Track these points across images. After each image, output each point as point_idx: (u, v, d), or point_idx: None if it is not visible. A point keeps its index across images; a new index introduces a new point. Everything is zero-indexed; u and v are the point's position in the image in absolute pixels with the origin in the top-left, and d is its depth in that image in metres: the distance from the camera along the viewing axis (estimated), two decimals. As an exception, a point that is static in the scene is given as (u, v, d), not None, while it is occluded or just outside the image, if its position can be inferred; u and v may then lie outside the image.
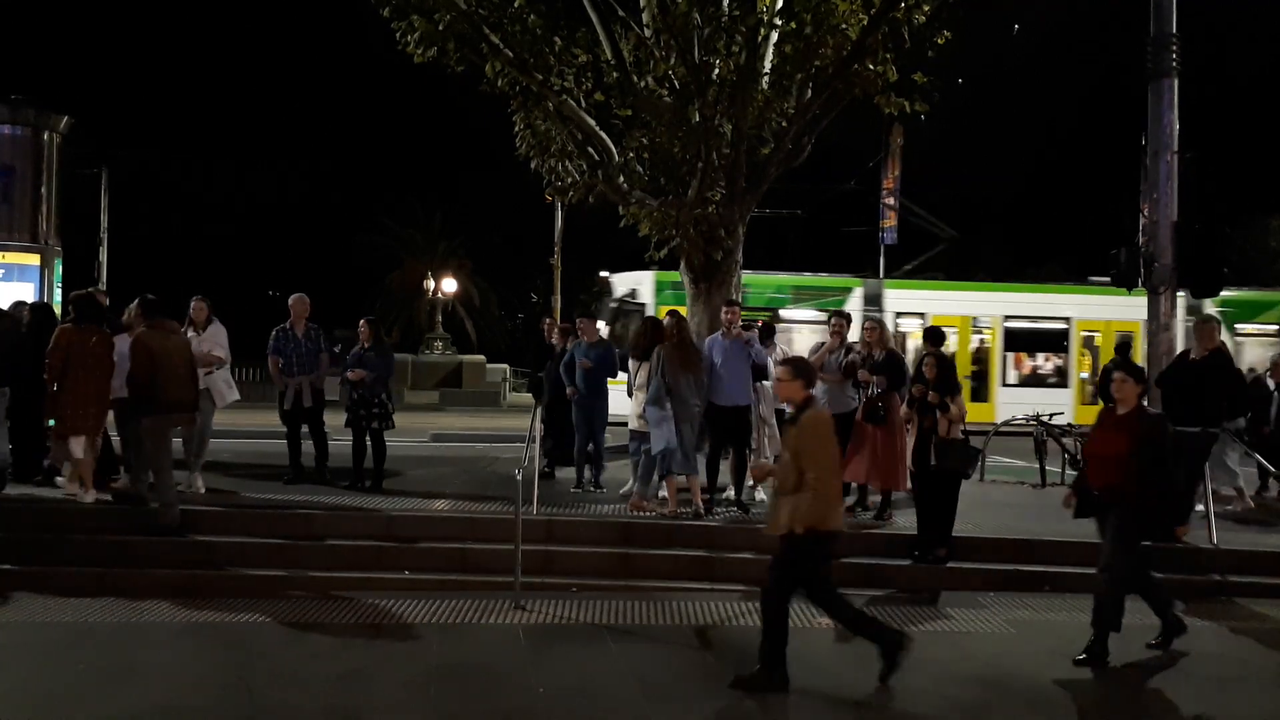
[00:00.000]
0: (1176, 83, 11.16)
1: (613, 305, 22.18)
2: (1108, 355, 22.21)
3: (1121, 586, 6.62)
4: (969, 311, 22.15)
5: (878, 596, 7.95)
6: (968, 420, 8.59)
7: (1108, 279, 25.87)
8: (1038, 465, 12.24)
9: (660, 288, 21.76)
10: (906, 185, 28.02)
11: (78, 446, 8.68)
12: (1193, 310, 22.55)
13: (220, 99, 63.67)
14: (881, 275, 26.10)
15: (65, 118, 21.61)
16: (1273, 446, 11.00)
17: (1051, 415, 13.24)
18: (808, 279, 23.78)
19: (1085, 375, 22.40)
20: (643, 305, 21.58)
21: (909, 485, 8.91)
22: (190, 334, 9.61)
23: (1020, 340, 22.72)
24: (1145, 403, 6.89)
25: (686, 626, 7.11)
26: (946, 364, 8.70)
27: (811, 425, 5.94)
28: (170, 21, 66.67)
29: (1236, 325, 22.71)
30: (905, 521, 8.95)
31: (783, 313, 22.03)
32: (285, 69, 64.10)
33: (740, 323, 9.72)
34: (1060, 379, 22.77)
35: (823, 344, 9.92)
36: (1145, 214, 11.33)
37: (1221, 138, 34.48)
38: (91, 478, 8.84)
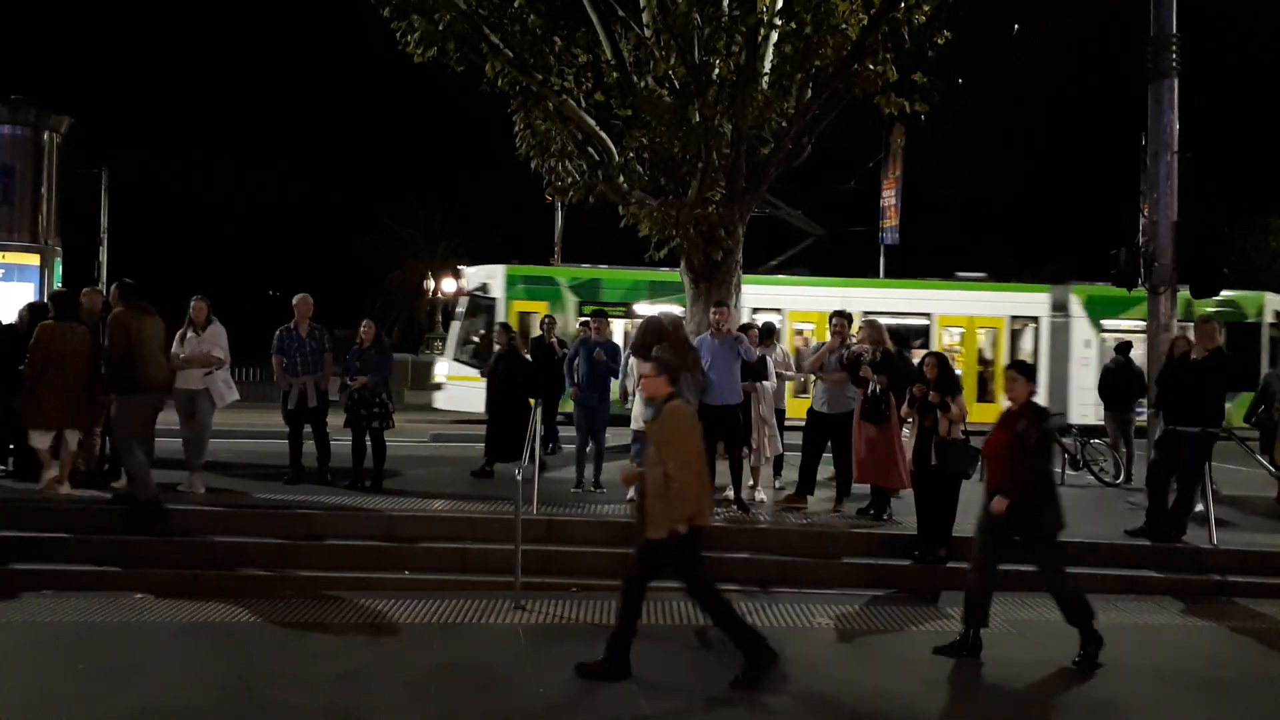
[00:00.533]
0: (1176, 83, 11.16)
1: (464, 298, 22.00)
2: (970, 353, 22.04)
3: (1068, 584, 6.67)
4: (827, 307, 21.68)
5: (878, 596, 7.96)
6: None
7: (980, 275, 25.17)
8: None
9: (511, 282, 21.66)
10: (907, 185, 28.04)
11: (40, 439, 8.83)
12: (1058, 307, 22.56)
13: (220, 99, 63.79)
14: (882, 274, 26.01)
15: (65, 118, 21.60)
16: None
17: None
18: (664, 274, 23.11)
19: None
20: (494, 300, 21.46)
21: (908, 485, 8.91)
22: (190, 334, 9.63)
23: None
24: (1038, 400, 6.80)
25: (686, 626, 7.11)
26: (947, 364, 8.71)
27: (671, 418, 5.95)
28: (170, 21, 66.75)
29: (1103, 321, 22.52)
30: (905, 521, 8.95)
31: (637, 307, 21.84)
32: (285, 69, 64.21)
33: (728, 322, 9.72)
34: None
35: (822, 344, 9.92)
36: (1145, 214, 11.33)
37: (1221, 138, 34.48)
38: (67, 472, 8.97)
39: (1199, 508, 9.02)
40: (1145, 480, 9.37)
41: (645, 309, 21.70)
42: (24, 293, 19.62)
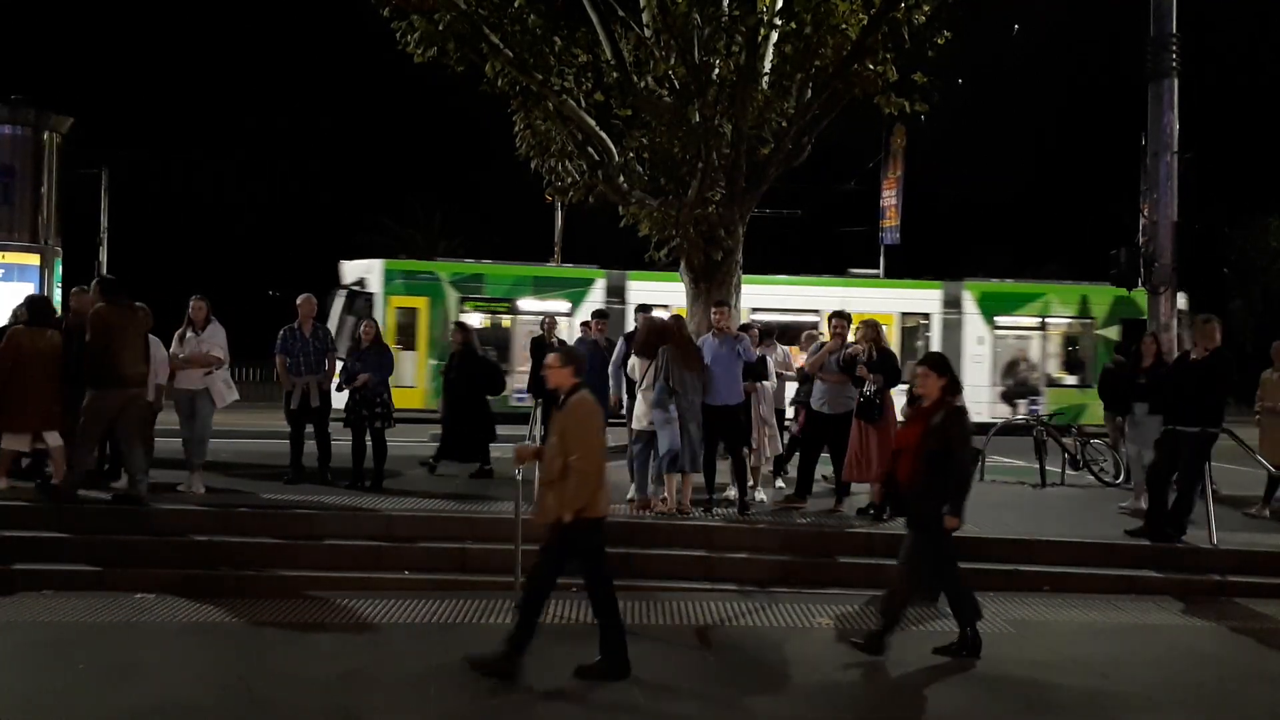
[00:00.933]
0: (1176, 83, 11.16)
1: (341, 292, 21.74)
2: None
3: (952, 581, 6.58)
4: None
5: (878, 596, 7.95)
6: None
7: (875, 272, 24.60)
8: (1037, 465, 12.23)
9: (389, 277, 21.53)
10: (907, 185, 28.03)
11: (11, 442, 8.88)
12: (951, 303, 22.06)
13: (220, 99, 63.74)
14: (874, 273, 25.77)
15: (65, 118, 21.60)
16: None
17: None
18: (549, 270, 23.42)
19: None
20: (371, 295, 21.29)
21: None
22: (189, 334, 9.64)
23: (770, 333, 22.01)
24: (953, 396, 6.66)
25: (686, 626, 7.11)
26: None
27: (576, 409, 5.95)
28: (170, 22, 66.74)
29: (995, 318, 22.39)
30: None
31: (521, 303, 21.84)
32: (285, 69, 64.17)
33: (727, 321, 9.71)
34: None
35: (822, 344, 9.92)
36: (1145, 214, 11.34)
37: (1221, 138, 34.46)
38: (8, 466, 9.04)
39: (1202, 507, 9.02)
40: (1145, 480, 9.37)
41: (530, 305, 21.57)
42: (24, 293, 19.62)
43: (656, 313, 10.44)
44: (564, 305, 21.26)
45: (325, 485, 9.95)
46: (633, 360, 9.67)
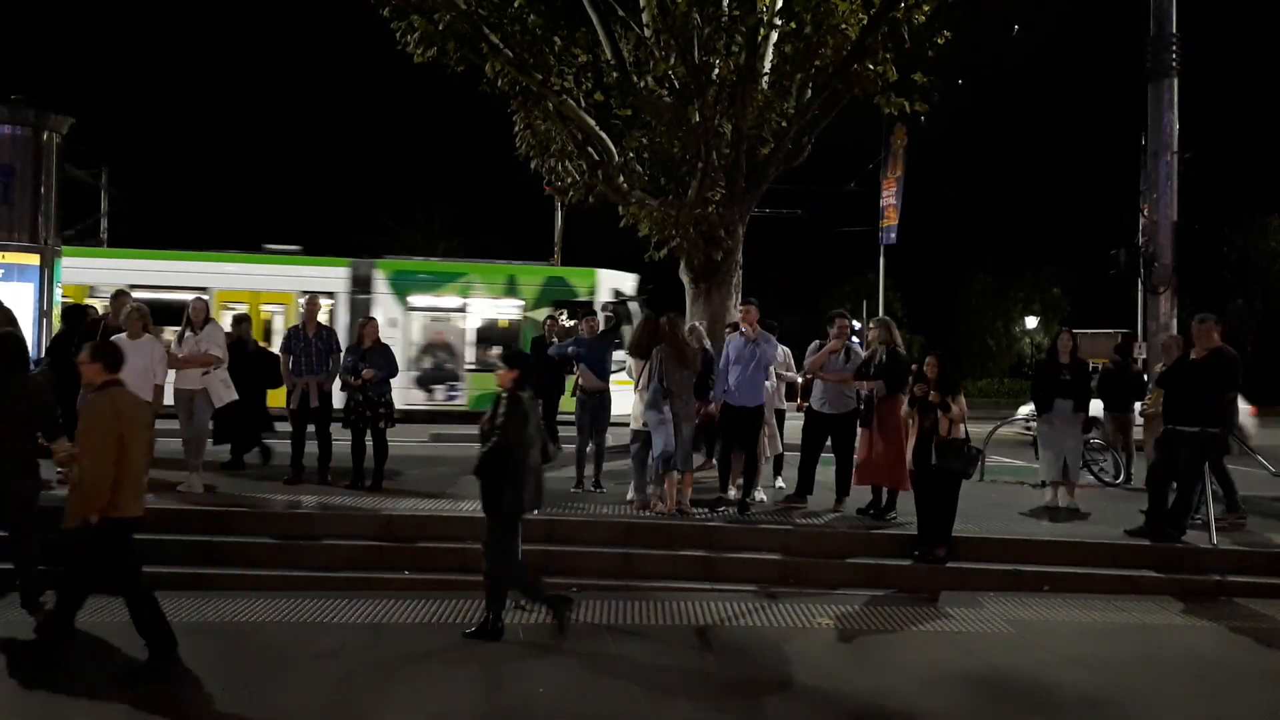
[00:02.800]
0: (1176, 83, 11.17)
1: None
2: (257, 332, 17.95)
3: (509, 565, 6.74)
4: (92, 280, 19.01)
5: (878, 596, 7.96)
6: None
7: (295, 248, 21.73)
8: (1038, 465, 12.21)
9: None
10: (907, 185, 28.03)
11: None
12: (360, 283, 20.20)
13: (220, 99, 63.70)
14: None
15: (65, 118, 21.58)
16: None
17: None
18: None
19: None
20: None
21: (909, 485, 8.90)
22: (188, 334, 9.65)
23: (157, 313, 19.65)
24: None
25: (686, 626, 7.11)
26: (948, 364, 8.70)
27: (90, 409, 5.88)
28: (170, 22, 66.73)
29: (410, 299, 20.84)
30: (906, 522, 8.95)
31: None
32: (285, 69, 64.16)
33: (753, 322, 9.62)
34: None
35: (822, 344, 9.90)
36: (1145, 214, 11.34)
37: (1221, 138, 34.44)
38: None
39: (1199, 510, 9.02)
40: (1145, 480, 9.37)
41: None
42: (24, 293, 19.60)
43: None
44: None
45: (325, 485, 9.94)
46: (629, 361, 9.68)
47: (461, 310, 21.21)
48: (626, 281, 21.62)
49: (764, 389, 9.63)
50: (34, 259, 20.14)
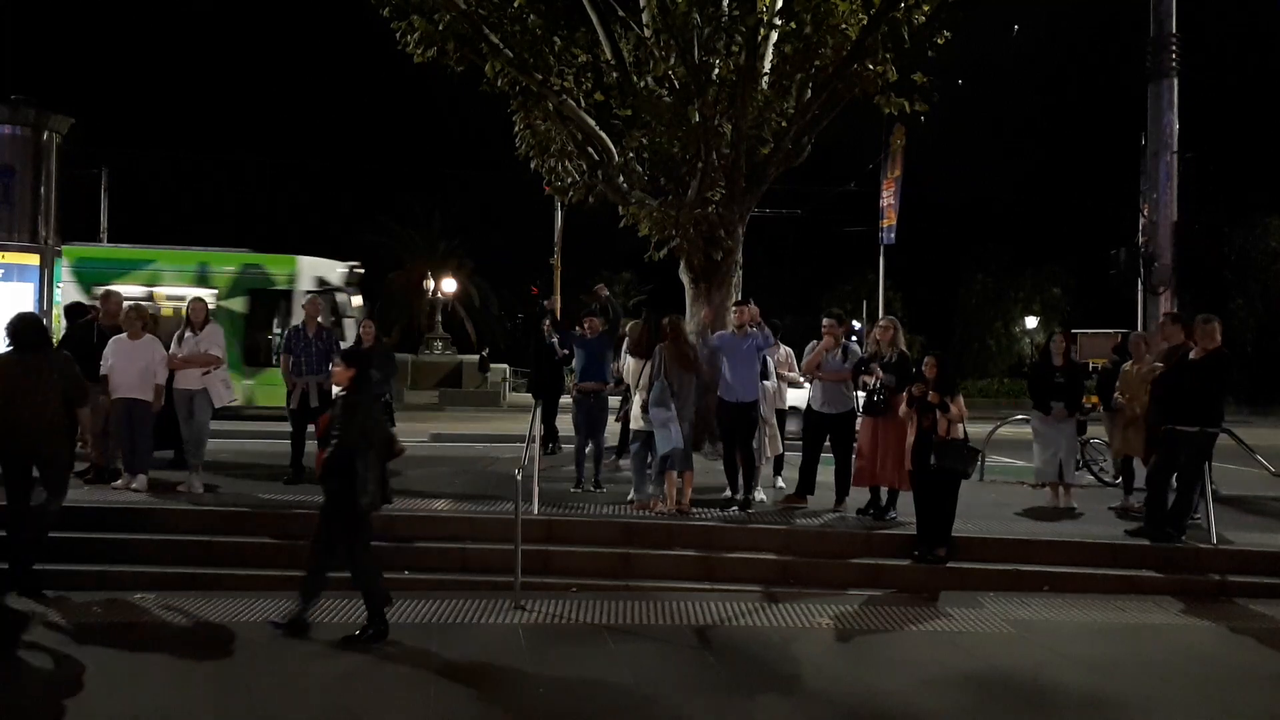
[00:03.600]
0: (1176, 83, 11.16)
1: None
2: None
3: (361, 561, 6.75)
4: None
5: (878, 596, 7.96)
6: None
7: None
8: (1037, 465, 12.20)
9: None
10: (907, 185, 28.02)
11: None
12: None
13: (220, 99, 63.74)
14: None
15: (65, 118, 21.62)
16: None
17: None
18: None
19: None
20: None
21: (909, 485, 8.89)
22: (188, 334, 9.66)
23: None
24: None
25: (686, 626, 7.11)
26: (947, 364, 8.70)
27: None
28: (170, 22, 66.76)
29: (94, 287, 18.56)
30: (905, 522, 8.95)
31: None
32: (285, 69, 64.20)
33: (748, 319, 9.65)
34: None
35: (818, 343, 9.90)
36: (1145, 214, 11.34)
37: (1221, 138, 34.43)
38: None
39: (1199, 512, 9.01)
40: (1145, 480, 9.37)
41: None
42: (24, 293, 19.65)
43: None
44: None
45: (325, 485, 9.93)
46: (629, 361, 9.68)
47: (149, 299, 19.32)
48: (334, 270, 20.60)
49: (759, 385, 9.62)
50: (34, 259, 20.22)
